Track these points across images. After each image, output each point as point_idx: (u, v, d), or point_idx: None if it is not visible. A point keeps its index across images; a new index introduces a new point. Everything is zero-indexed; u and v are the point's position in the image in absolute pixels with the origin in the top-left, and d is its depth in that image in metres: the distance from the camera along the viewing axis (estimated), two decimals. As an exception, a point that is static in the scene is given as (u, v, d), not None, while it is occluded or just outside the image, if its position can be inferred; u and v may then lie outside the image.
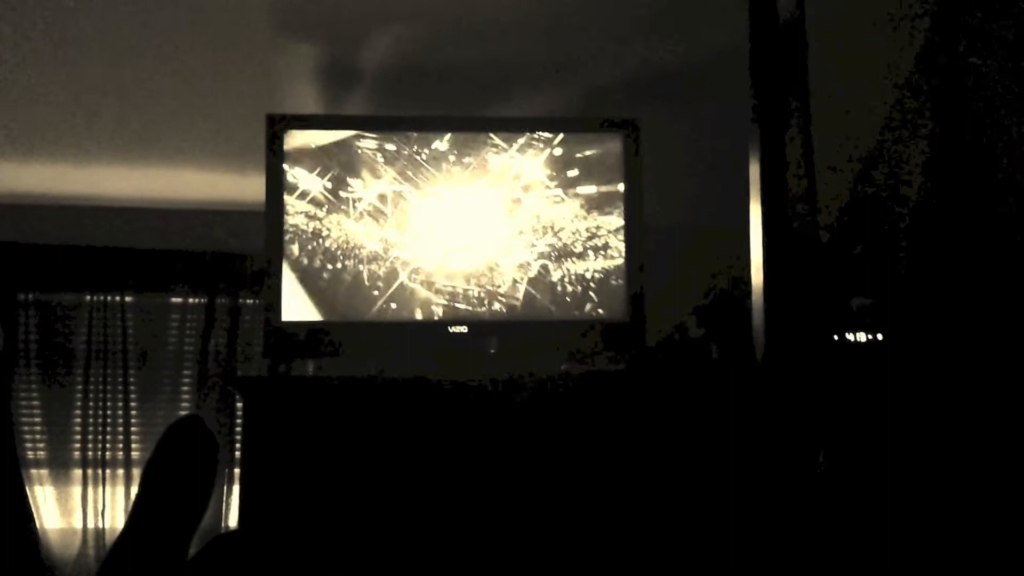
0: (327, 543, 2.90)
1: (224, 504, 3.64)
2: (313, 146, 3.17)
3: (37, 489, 3.61)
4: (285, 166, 3.13)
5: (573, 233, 3.21)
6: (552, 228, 3.21)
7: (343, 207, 3.17)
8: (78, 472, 3.64)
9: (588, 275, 3.20)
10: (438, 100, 3.40)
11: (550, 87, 3.46)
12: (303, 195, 3.15)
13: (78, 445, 3.64)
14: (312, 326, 3.13)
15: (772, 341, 2.03)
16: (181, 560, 2.95)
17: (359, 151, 3.19)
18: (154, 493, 3.08)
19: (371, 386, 3.00)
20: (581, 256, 3.20)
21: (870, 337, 3.21)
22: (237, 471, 3.63)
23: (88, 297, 3.68)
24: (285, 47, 3.26)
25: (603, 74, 3.40)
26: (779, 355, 2.01)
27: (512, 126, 3.26)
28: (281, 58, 3.28)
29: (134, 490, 3.52)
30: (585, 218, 3.22)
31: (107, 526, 3.63)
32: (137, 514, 2.56)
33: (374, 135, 3.20)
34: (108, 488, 3.66)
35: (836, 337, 3.21)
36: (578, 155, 3.24)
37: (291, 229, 3.12)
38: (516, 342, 3.14)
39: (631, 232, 3.20)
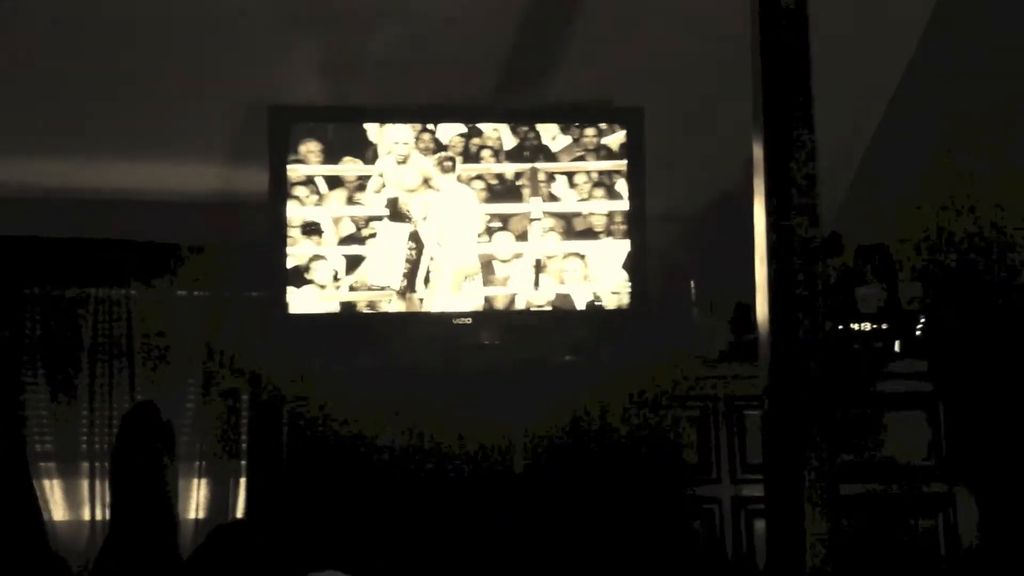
0: (331, 536, 2.90)
1: (231, 497, 3.64)
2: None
3: (45, 482, 3.61)
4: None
5: (577, 221, 3.20)
6: (556, 216, 3.20)
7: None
8: (85, 465, 3.64)
9: (592, 264, 3.19)
10: (443, 89, 3.39)
11: (555, 76, 3.44)
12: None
13: (85, 438, 3.65)
14: (318, 318, 3.13)
15: (777, 330, 2.01)
16: (171, 547, 3.00)
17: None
18: (123, 485, 3.15)
19: (374, 379, 3.00)
20: (585, 244, 3.19)
21: (875, 327, 3.20)
22: (243, 463, 3.64)
23: (94, 291, 3.68)
24: (288, 39, 3.25)
25: (608, 62, 3.39)
26: (784, 345, 2.00)
27: (517, 115, 3.25)
28: (284, 50, 3.27)
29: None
30: (589, 206, 3.21)
31: (114, 519, 3.64)
32: (116, 509, 2.59)
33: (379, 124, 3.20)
34: (115, 481, 3.66)
35: (841, 327, 3.20)
36: (582, 143, 3.23)
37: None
38: (520, 333, 3.14)
39: (635, 220, 3.19)
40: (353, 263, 3.14)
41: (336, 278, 3.12)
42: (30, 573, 3.53)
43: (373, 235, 3.15)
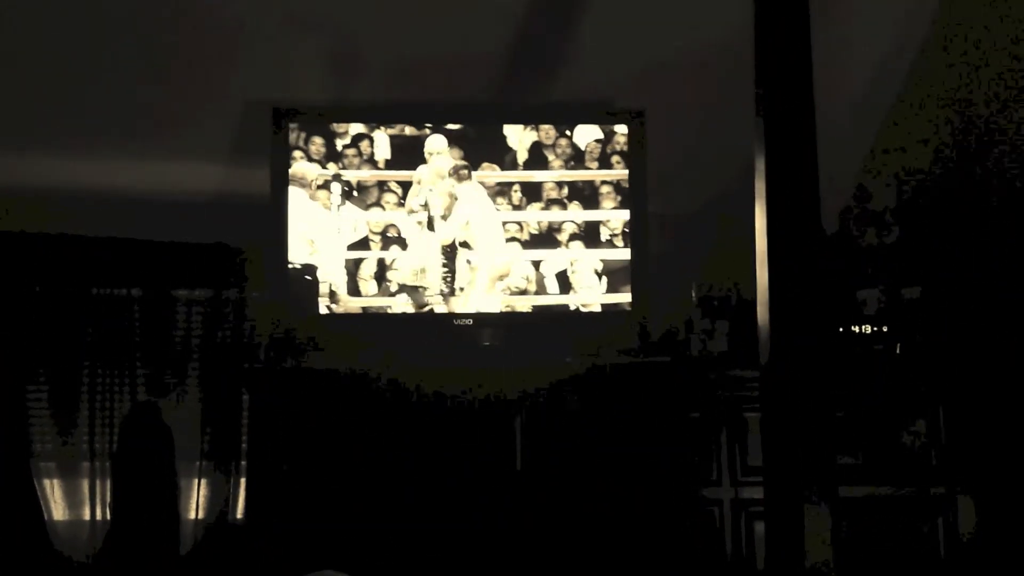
0: (330, 534, 2.90)
1: (231, 496, 3.64)
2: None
3: (45, 482, 3.62)
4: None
5: (578, 222, 3.20)
6: (557, 217, 3.20)
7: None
8: (86, 464, 3.64)
9: (593, 265, 3.19)
10: (444, 89, 3.39)
11: (556, 76, 3.44)
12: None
13: (86, 438, 3.65)
14: (318, 318, 3.13)
15: (778, 333, 2.01)
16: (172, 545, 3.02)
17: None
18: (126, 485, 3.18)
19: (376, 378, 3.00)
20: (585, 246, 3.19)
21: (875, 329, 3.20)
22: (244, 463, 3.63)
23: (95, 290, 3.68)
24: (291, 38, 3.25)
25: (610, 63, 3.38)
26: (784, 347, 2.00)
27: (518, 115, 3.25)
28: (287, 50, 3.27)
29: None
30: (590, 207, 3.21)
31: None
32: (117, 507, 2.63)
33: (381, 124, 3.20)
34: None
35: (842, 329, 3.20)
36: (584, 144, 3.23)
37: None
38: (521, 334, 3.14)
39: (636, 221, 3.19)
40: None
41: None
42: (32, 572, 3.54)
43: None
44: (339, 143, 3.19)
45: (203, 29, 3.17)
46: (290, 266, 3.13)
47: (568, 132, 3.22)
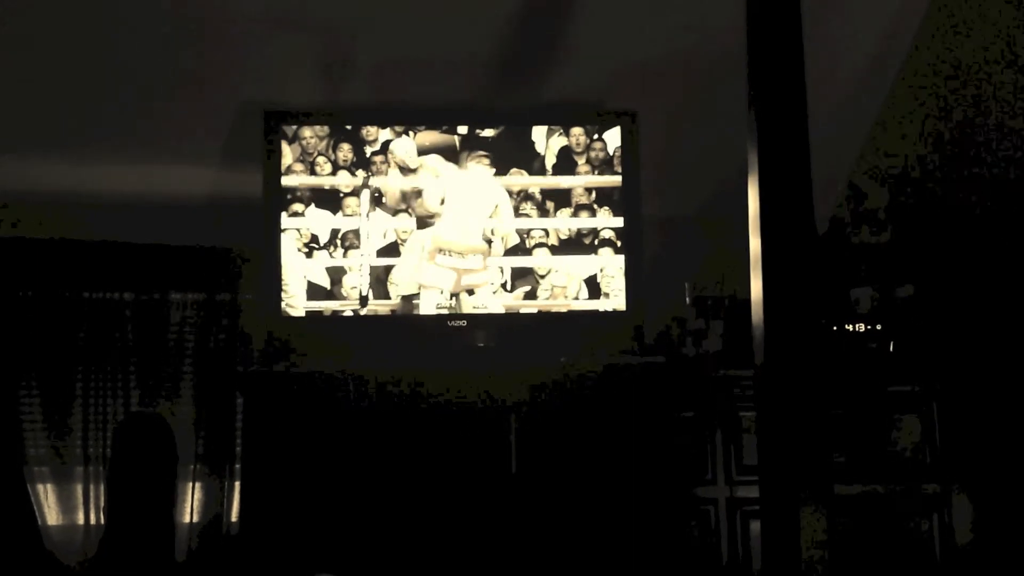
0: (326, 538, 2.90)
1: (225, 500, 3.64)
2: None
3: (39, 486, 3.61)
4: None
5: (570, 225, 3.20)
6: (550, 220, 3.20)
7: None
8: (79, 469, 3.63)
9: (587, 267, 3.19)
10: (436, 91, 3.39)
11: (549, 77, 3.45)
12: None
13: (80, 442, 3.64)
14: (312, 320, 3.13)
15: (772, 332, 2.01)
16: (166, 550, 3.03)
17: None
18: (120, 492, 3.18)
19: (371, 381, 2.99)
20: (579, 248, 3.19)
21: (869, 327, 3.20)
22: (238, 467, 3.62)
23: (87, 294, 3.67)
24: (282, 41, 3.24)
25: (602, 64, 3.39)
26: (779, 346, 2.00)
27: (510, 117, 3.25)
28: (278, 52, 3.27)
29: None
30: (584, 209, 3.21)
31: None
32: (111, 514, 2.62)
33: (374, 127, 3.20)
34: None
35: (836, 328, 3.21)
36: (576, 146, 3.23)
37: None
38: (516, 335, 3.14)
39: (629, 223, 3.19)
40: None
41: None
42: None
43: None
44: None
45: (196, 32, 3.16)
46: (283, 269, 3.13)
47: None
